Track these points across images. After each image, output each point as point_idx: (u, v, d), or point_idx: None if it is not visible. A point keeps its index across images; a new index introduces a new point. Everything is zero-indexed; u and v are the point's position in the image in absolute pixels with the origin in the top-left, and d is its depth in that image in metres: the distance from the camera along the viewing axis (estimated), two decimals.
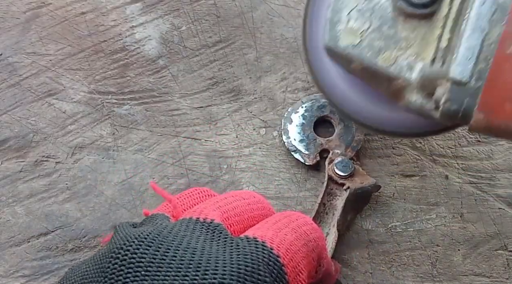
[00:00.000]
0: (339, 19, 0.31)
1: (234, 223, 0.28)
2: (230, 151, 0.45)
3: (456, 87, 0.26)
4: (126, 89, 0.46)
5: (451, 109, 0.27)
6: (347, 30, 0.31)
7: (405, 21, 0.30)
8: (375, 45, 0.30)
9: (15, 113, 0.46)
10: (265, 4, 0.48)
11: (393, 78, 0.30)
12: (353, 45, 0.31)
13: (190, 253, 0.24)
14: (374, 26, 0.31)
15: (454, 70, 0.26)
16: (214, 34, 0.47)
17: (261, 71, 0.46)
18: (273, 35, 0.47)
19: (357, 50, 0.31)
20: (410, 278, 0.41)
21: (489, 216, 0.42)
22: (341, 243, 0.42)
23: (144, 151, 0.45)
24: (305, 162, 0.43)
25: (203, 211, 0.28)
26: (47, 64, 0.47)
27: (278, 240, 0.26)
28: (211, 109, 0.46)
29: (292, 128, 0.44)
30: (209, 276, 0.23)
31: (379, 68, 0.30)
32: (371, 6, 0.31)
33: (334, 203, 0.41)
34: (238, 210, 0.29)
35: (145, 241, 0.25)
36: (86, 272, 0.26)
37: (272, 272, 0.25)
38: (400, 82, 0.30)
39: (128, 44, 0.47)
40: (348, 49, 0.31)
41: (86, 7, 0.48)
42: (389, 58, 0.30)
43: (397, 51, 0.30)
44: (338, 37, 0.31)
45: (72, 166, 0.45)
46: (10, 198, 0.44)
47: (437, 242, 0.42)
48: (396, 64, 0.30)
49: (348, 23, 0.31)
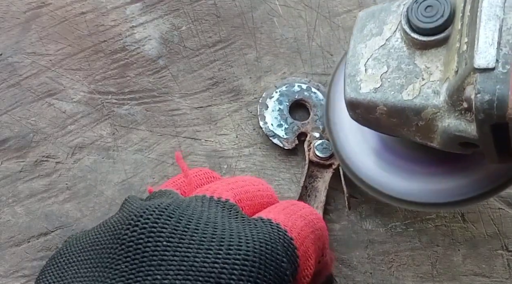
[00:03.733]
0: (357, 71, 0.31)
1: (245, 206, 0.28)
2: (230, 151, 0.45)
3: (483, 75, 0.25)
4: (126, 89, 0.46)
5: (484, 100, 0.25)
6: (367, 78, 0.31)
7: (422, 53, 0.30)
8: (396, 83, 0.30)
9: (15, 113, 0.46)
10: (265, 4, 0.48)
11: (421, 108, 0.29)
12: (375, 89, 0.30)
13: (212, 227, 0.24)
14: (393, 67, 0.30)
15: (477, 60, 0.25)
16: (214, 34, 0.47)
17: (261, 71, 0.46)
18: (273, 35, 0.47)
19: (379, 93, 0.30)
20: (410, 278, 0.41)
21: (489, 216, 0.42)
22: (341, 243, 0.42)
23: (144, 151, 0.45)
24: (284, 146, 0.44)
25: (216, 190, 0.28)
26: (47, 64, 0.47)
27: (290, 223, 0.26)
28: (211, 109, 0.46)
29: (268, 114, 0.44)
30: (233, 252, 0.23)
31: (404, 104, 0.29)
32: (386, 51, 0.31)
33: (315, 185, 0.42)
34: (249, 195, 0.29)
35: (165, 212, 0.24)
36: (97, 239, 0.25)
37: (287, 253, 0.25)
38: (429, 111, 0.29)
39: (128, 44, 0.47)
40: (370, 95, 0.30)
41: (86, 7, 0.48)
42: (412, 90, 0.29)
43: (420, 82, 0.29)
44: (359, 86, 0.31)
45: (72, 166, 0.45)
46: (10, 198, 0.44)
47: (437, 242, 0.42)
48: (421, 94, 0.29)
49: (366, 72, 0.31)
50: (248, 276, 0.23)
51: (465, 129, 0.27)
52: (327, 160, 0.42)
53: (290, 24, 0.48)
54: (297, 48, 0.47)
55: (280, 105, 0.44)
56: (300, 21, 0.48)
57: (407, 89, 0.30)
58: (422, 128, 0.30)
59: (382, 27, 0.32)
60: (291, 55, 0.47)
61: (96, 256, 0.24)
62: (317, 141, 0.43)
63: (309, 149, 0.43)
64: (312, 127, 0.44)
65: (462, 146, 0.29)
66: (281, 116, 0.44)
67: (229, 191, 0.28)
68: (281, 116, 0.44)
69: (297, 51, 0.47)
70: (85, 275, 0.24)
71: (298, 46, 0.47)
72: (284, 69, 0.46)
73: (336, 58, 0.46)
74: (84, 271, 0.24)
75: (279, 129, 0.44)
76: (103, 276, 0.23)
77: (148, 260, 0.22)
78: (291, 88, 0.45)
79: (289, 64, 0.47)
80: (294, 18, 0.48)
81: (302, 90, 0.45)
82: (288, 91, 0.45)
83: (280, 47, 0.47)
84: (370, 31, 0.32)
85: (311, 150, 0.42)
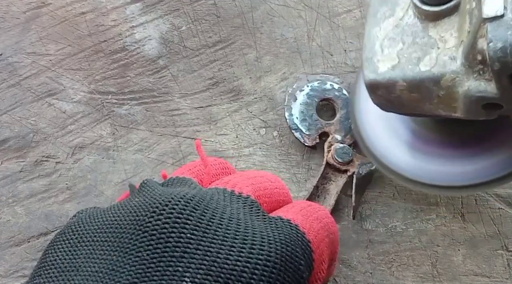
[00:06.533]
0: (374, 53, 0.31)
1: (263, 203, 0.28)
2: (230, 151, 0.45)
3: (493, 24, 0.25)
4: (126, 89, 0.46)
5: (497, 48, 0.24)
6: (383, 57, 0.31)
7: (435, 25, 0.29)
8: (413, 57, 0.30)
9: (15, 113, 0.46)
10: (265, 4, 0.48)
11: (439, 77, 0.29)
12: (393, 66, 0.30)
13: (235, 224, 0.24)
14: (408, 43, 0.30)
15: (485, 10, 0.25)
16: (214, 34, 0.47)
17: (261, 71, 0.46)
18: (273, 35, 0.47)
19: (397, 70, 0.30)
20: (410, 278, 0.41)
21: (489, 216, 0.42)
22: (341, 243, 0.42)
23: (144, 151, 0.45)
24: (304, 142, 0.43)
25: (237, 185, 0.27)
26: (47, 64, 0.47)
27: (308, 225, 0.26)
28: (211, 109, 0.46)
29: (296, 106, 0.44)
30: (256, 251, 0.23)
31: (423, 75, 0.29)
32: (400, 30, 0.31)
33: (327, 187, 0.42)
34: (268, 192, 0.29)
35: (190, 203, 0.24)
36: (115, 221, 0.24)
37: (304, 256, 0.24)
38: (448, 78, 0.28)
39: (128, 44, 0.47)
40: (389, 73, 0.30)
41: (86, 7, 0.48)
42: (429, 61, 0.29)
43: (436, 51, 0.29)
44: (377, 67, 0.31)
45: (72, 166, 0.45)
46: (10, 198, 0.44)
47: (437, 242, 0.42)
48: (438, 62, 0.29)
49: (382, 52, 0.31)
50: (269, 277, 0.22)
51: (485, 89, 0.27)
52: (344, 165, 0.42)
53: (290, 24, 0.48)
54: (297, 48, 0.47)
55: (308, 100, 0.44)
56: (300, 21, 0.48)
57: (424, 61, 0.29)
58: (444, 98, 0.29)
59: (394, 8, 0.31)
60: (291, 55, 0.47)
61: (115, 239, 0.24)
62: (338, 144, 0.42)
63: (328, 151, 0.43)
64: (335, 129, 0.43)
65: (486, 109, 0.28)
66: (307, 111, 0.44)
67: (249, 187, 0.28)
68: (307, 111, 0.44)
69: (297, 51, 0.47)
70: (101, 257, 0.24)
71: (298, 46, 0.47)
72: (284, 69, 0.46)
73: (336, 58, 0.46)
74: (100, 253, 0.24)
75: (303, 124, 0.43)
76: (122, 261, 0.23)
77: (171, 251, 0.22)
78: (323, 85, 0.44)
79: (289, 64, 0.47)
80: (294, 18, 0.48)
81: (334, 89, 0.44)
82: (320, 88, 0.44)
83: (280, 47, 0.47)
84: (383, 14, 0.32)
85: (331, 152, 0.42)
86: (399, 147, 0.38)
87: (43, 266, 0.25)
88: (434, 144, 0.37)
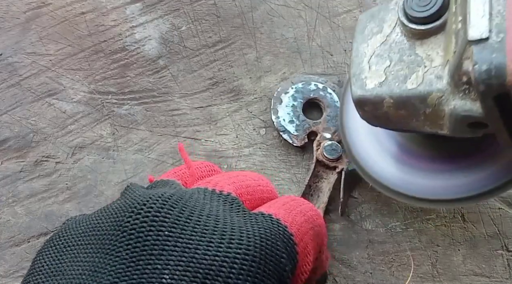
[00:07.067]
0: (361, 70, 0.32)
1: (246, 200, 0.28)
2: (230, 151, 0.45)
3: (478, 46, 0.25)
4: (126, 89, 0.46)
5: (482, 70, 0.25)
6: (371, 74, 0.31)
7: (422, 43, 0.30)
8: (400, 75, 0.30)
9: (15, 113, 0.46)
10: (265, 4, 0.48)
11: (426, 95, 0.29)
12: (380, 83, 0.31)
13: (214, 220, 0.24)
14: (395, 60, 0.31)
15: (471, 32, 0.25)
16: (214, 34, 0.47)
17: (261, 71, 0.46)
18: (273, 35, 0.47)
19: (385, 86, 0.31)
20: (410, 278, 0.41)
21: (489, 216, 0.42)
22: (341, 243, 0.42)
23: (144, 151, 0.45)
24: (293, 143, 0.44)
25: (218, 183, 0.28)
26: (47, 64, 0.47)
27: (290, 219, 0.26)
28: (211, 109, 0.46)
29: (282, 108, 0.44)
30: (234, 246, 0.23)
31: (409, 93, 0.30)
32: (387, 47, 0.31)
33: (320, 185, 0.42)
34: (250, 189, 0.29)
35: (168, 201, 0.24)
36: (98, 224, 0.25)
37: (286, 249, 0.25)
38: (434, 96, 0.29)
39: (128, 44, 0.47)
40: (376, 89, 0.31)
41: (86, 7, 0.48)
42: (416, 79, 0.30)
43: (422, 70, 0.30)
44: (364, 83, 0.31)
45: (72, 166, 0.45)
46: (10, 198, 0.44)
47: (437, 242, 0.42)
48: (425, 81, 0.29)
49: (370, 69, 0.32)
50: (248, 271, 0.23)
51: (471, 108, 0.27)
52: (333, 161, 0.42)
53: (290, 24, 0.48)
54: (297, 48, 0.47)
55: (294, 102, 0.44)
56: (300, 21, 0.48)
57: (411, 79, 0.30)
58: (430, 115, 0.30)
59: (382, 25, 0.32)
60: (291, 55, 0.47)
61: (97, 241, 0.24)
62: (326, 141, 0.43)
63: (317, 149, 0.43)
64: (323, 128, 0.44)
65: (472, 128, 0.29)
66: (294, 113, 0.44)
67: (230, 185, 0.28)
68: (294, 113, 0.44)
69: (297, 51, 0.47)
70: (85, 260, 0.24)
71: (298, 46, 0.47)
72: (284, 69, 0.46)
73: (336, 58, 0.46)
74: (84, 256, 0.24)
75: (290, 125, 0.44)
76: (103, 262, 0.23)
77: (149, 249, 0.22)
78: (307, 86, 0.45)
79: (289, 64, 0.47)
80: (294, 18, 0.48)
81: (318, 89, 0.45)
82: (304, 89, 0.45)
83: (280, 47, 0.47)
84: (371, 30, 0.32)
85: (320, 150, 0.43)
86: (385, 160, 0.38)
87: (31, 273, 0.26)
88: (420, 158, 0.37)
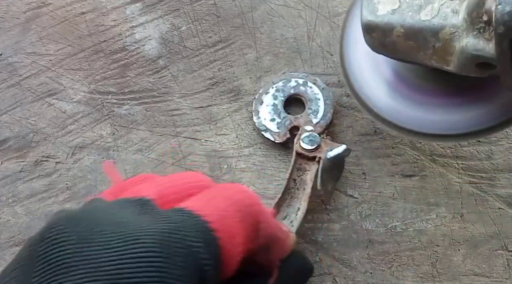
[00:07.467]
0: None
1: (170, 200, 0.28)
2: (230, 151, 0.45)
3: None
4: (126, 89, 0.46)
5: (505, 11, 0.24)
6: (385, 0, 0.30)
7: None
8: (415, 4, 0.29)
9: (15, 113, 0.46)
10: (265, 4, 0.48)
11: (439, 28, 0.28)
12: (393, 10, 0.29)
13: (117, 226, 0.25)
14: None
15: None
16: (214, 34, 0.47)
17: (261, 71, 0.46)
18: (273, 35, 0.47)
19: (397, 15, 0.29)
20: (410, 278, 0.41)
21: (489, 216, 0.42)
22: (341, 243, 0.42)
23: (144, 151, 0.45)
24: (275, 140, 0.44)
25: (139, 191, 0.28)
26: (47, 64, 0.47)
27: (208, 207, 0.27)
28: (211, 109, 0.46)
29: (263, 109, 0.44)
30: (137, 246, 0.24)
31: (422, 24, 0.28)
32: None
33: (304, 178, 0.42)
34: (175, 189, 0.30)
35: (72, 221, 0.25)
36: (20, 257, 0.26)
37: (202, 237, 0.25)
38: (447, 31, 0.28)
39: (128, 44, 0.47)
40: (388, 16, 0.29)
41: (86, 7, 0.48)
42: (431, 10, 0.28)
43: (439, 1, 0.28)
44: (376, 8, 0.30)
45: (72, 166, 0.45)
46: (10, 198, 0.44)
47: (437, 242, 0.42)
48: (440, 13, 0.28)
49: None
50: (155, 266, 0.23)
51: (483, 48, 0.27)
52: (311, 152, 0.42)
53: (290, 24, 0.48)
54: (297, 48, 0.47)
55: (275, 100, 0.45)
56: (300, 21, 0.48)
57: (426, 9, 0.29)
58: (439, 50, 0.29)
59: None
60: (291, 55, 0.47)
61: (22, 273, 0.25)
62: (305, 133, 0.42)
63: (297, 142, 0.43)
64: (305, 121, 0.44)
65: (479, 68, 0.28)
66: (275, 111, 0.44)
67: (151, 189, 0.29)
68: (275, 111, 0.44)
69: (297, 51, 0.47)
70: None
71: (298, 46, 0.47)
72: (284, 69, 0.46)
73: (336, 58, 0.46)
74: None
75: (272, 123, 0.44)
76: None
77: (58, 270, 0.23)
78: (287, 83, 0.45)
79: (289, 64, 0.46)
80: (294, 18, 0.48)
81: (298, 84, 0.45)
82: (285, 86, 0.45)
83: (280, 47, 0.47)
84: None
85: (298, 142, 0.42)
86: (378, 84, 0.37)
87: None
88: (414, 88, 0.36)
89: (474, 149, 0.43)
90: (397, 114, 0.36)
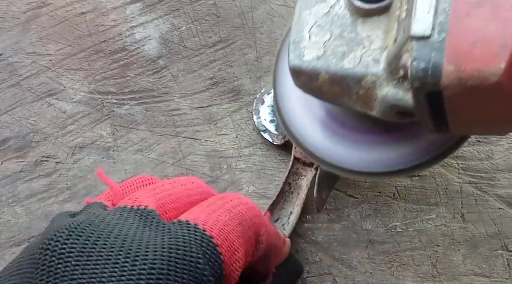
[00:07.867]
0: (301, 38, 0.31)
1: (170, 209, 0.28)
2: (230, 151, 0.45)
3: (419, 43, 0.25)
4: (126, 89, 0.46)
5: (419, 68, 0.25)
6: (310, 45, 0.31)
7: (364, 21, 0.30)
8: (339, 51, 0.30)
9: (15, 113, 0.46)
10: (265, 4, 0.48)
11: (361, 76, 0.29)
12: (318, 57, 0.30)
13: (121, 240, 0.25)
14: (336, 35, 0.30)
15: (414, 27, 0.25)
16: (214, 34, 0.47)
17: (261, 71, 0.46)
18: (273, 35, 0.47)
19: (322, 61, 0.30)
20: (410, 278, 0.41)
21: (489, 216, 0.42)
22: (341, 243, 0.42)
23: (144, 151, 0.45)
24: (273, 141, 0.44)
25: (138, 199, 0.28)
26: (47, 64, 0.47)
27: (211, 221, 0.27)
28: (211, 109, 0.46)
29: (264, 109, 0.44)
30: (139, 262, 0.23)
31: (345, 71, 0.30)
32: (329, 19, 0.31)
33: (299, 182, 0.42)
34: (174, 197, 0.29)
35: (75, 231, 0.25)
36: (20, 263, 0.26)
37: (206, 253, 0.25)
38: (368, 79, 0.29)
39: (128, 44, 0.47)
40: (314, 62, 0.30)
41: (86, 7, 0.48)
42: (354, 59, 0.29)
43: (361, 50, 0.29)
44: (302, 54, 0.31)
45: (72, 166, 0.45)
46: (10, 198, 0.44)
47: (437, 242, 0.42)
48: (362, 62, 0.29)
49: (310, 39, 0.31)
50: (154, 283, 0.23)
51: (402, 98, 0.28)
52: None
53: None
54: None
55: None
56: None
57: (349, 57, 0.30)
58: (362, 96, 0.30)
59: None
60: None
61: (21, 281, 0.25)
62: None
63: (295, 146, 0.42)
64: None
65: (400, 115, 0.29)
66: (275, 112, 0.44)
67: (151, 197, 0.28)
68: (275, 112, 0.44)
69: None
70: None
71: None
72: None
73: None
74: None
75: (271, 125, 0.44)
76: None
77: (60, 282, 0.23)
78: None
79: None
80: None
81: None
82: None
83: None
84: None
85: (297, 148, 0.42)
86: (311, 123, 0.37)
87: None
88: (345, 126, 0.37)
89: (474, 149, 0.43)
90: (330, 152, 0.37)
